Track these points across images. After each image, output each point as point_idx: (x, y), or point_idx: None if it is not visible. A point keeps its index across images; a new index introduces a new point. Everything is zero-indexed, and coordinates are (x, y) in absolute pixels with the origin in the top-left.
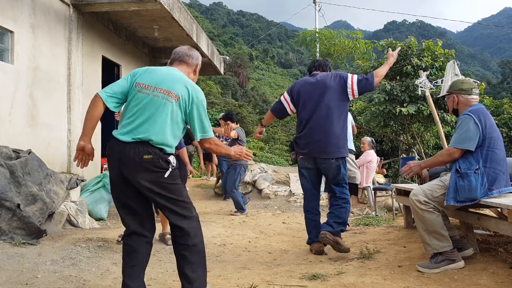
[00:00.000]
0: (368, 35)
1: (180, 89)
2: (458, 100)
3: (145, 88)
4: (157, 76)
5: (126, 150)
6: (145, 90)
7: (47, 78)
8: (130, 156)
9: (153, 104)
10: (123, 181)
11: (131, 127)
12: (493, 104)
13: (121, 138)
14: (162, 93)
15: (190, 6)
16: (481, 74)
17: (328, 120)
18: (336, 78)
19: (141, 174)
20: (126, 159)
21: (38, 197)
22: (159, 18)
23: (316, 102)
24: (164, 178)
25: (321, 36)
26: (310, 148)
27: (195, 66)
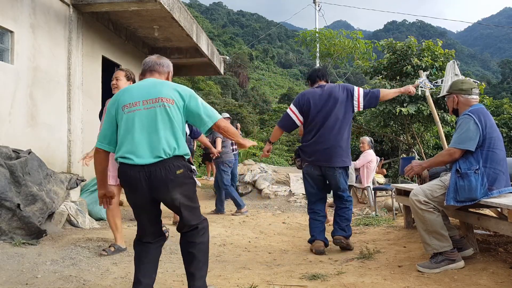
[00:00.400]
0: (368, 35)
1: (170, 91)
2: (458, 100)
3: (133, 105)
4: (140, 90)
5: (155, 172)
6: (134, 108)
7: (47, 78)
8: (163, 176)
9: (151, 116)
10: (150, 202)
11: (142, 149)
12: (493, 104)
13: (141, 162)
14: (154, 102)
15: (190, 6)
16: (481, 74)
17: (336, 131)
18: (344, 91)
19: (176, 190)
20: (159, 181)
21: (38, 197)
22: (159, 18)
23: (325, 114)
24: (194, 188)
25: (321, 36)
26: (317, 156)
27: (167, 74)
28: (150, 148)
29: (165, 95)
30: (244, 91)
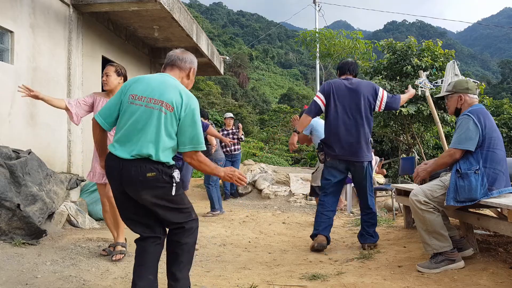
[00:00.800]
0: (368, 35)
1: (174, 97)
2: (464, 99)
3: (138, 99)
4: (149, 85)
5: (127, 168)
6: (138, 102)
7: (47, 78)
8: (133, 175)
9: (147, 116)
10: (125, 198)
11: (127, 142)
12: (493, 104)
13: (119, 155)
14: (155, 103)
15: (190, 6)
16: (481, 74)
17: (361, 126)
18: (370, 88)
19: (146, 191)
20: (128, 178)
21: (38, 197)
22: (159, 18)
23: (353, 107)
24: (171, 193)
25: (321, 36)
26: (344, 150)
27: (188, 70)
28: (133, 145)
29: (167, 100)
30: (244, 91)
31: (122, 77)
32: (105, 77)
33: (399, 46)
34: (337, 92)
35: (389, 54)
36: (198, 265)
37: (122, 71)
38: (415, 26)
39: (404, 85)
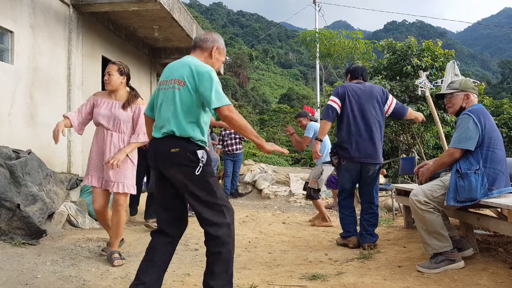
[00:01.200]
0: (368, 35)
1: (184, 72)
2: (470, 98)
3: (163, 84)
4: (170, 69)
5: (159, 145)
6: (164, 86)
7: (47, 78)
8: (162, 151)
9: (166, 96)
10: (162, 184)
11: (157, 123)
12: (493, 104)
13: (154, 135)
14: (169, 83)
15: (190, 6)
16: (481, 74)
17: (376, 129)
18: (382, 93)
19: (174, 168)
20: (159, 154)
21: (38, 197)
22: (159, 19)
23: (368, 111)
24: (195, 175)
25: (321, 36)
26: (361, 153)
27: (210, 49)
28: (161, 125)
29: (178, 77)
30: (244, 91)
31: (125, 76)
32: (107, 76)
33: (399, 46)
34: (353, 96)
35: (389, 54)
36: (198, 265)
37: (125, 70)
38: (415, 26)
39: (404, 85)
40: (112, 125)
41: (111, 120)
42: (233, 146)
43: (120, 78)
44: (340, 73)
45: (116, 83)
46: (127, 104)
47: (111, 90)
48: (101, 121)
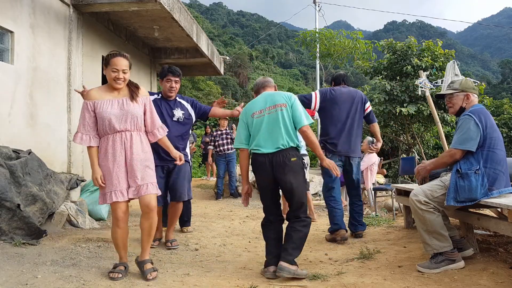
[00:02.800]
0: (368, 35)
1: (283, 97)
2: (470, 98)
3: (258, 113)
4: (261, 102)
5: (275, 158)
6: (259, 115)
7: (47, 78)
8: (281, 161)
9: (273, 119)
10: (269, 188)
11: (266, 142)
12: (493, 104)
13: (265, 151)
14: (273, 108)
15: (190, 6)
16: (481, 74)
17: (357, 127)
18: (362, 96)
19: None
20: (278, 164)
21: (38, 197)
22: (159, 19)
23: (351, 110)
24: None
25: (321, 36)
26: (345, 148)
27: (274, 87)
28: (272, 142)
29: (280, 101)
30: (244, 91)
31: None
32: (122, 75)
33: (399, 46)
34: (340, 97)
35: (389, 54)
36: (198, 265)
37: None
38: (415, 26)
39: (404, 85)
40: (129, 124)
41: (127, 118)
42: (224, 146)
43: (128, 74)
44: None
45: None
46: (136, 96)
47: (121, 88)
48: (115, 123)
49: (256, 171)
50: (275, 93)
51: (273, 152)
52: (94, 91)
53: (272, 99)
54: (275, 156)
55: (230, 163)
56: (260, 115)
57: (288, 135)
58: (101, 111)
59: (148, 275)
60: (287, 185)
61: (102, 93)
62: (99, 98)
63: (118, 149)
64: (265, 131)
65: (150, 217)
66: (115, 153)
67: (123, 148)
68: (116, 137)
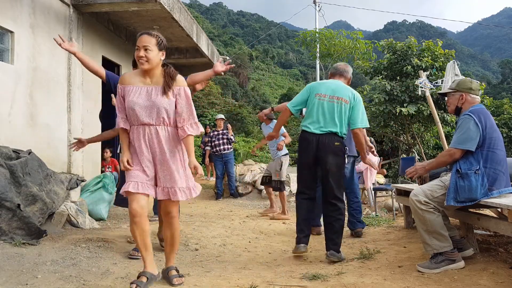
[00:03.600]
0: (368, 35)
1: (349, 94)
2: (465, 99)
3: (322, 96)
4: (328, 87)
5: (321, 139)
6: (322, 98)
7: (47, 78)
8: (326, 143)
9: (330, 106)
10: (309, 167)
11: (317, 123)
12: (493, 104)
13: (314, 131)
14: (336, 99)
15: (190, 7)
16: (481, 74)
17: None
18: None
19: (332, 156)
20: (323, 145)
21: (38, 197)
22: (159, 19)
23: None
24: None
25: (321, 36)
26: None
27: (349, 79)
28: (324, 124)
29: (344, 96)
30: (244, 91)
31: (163, 52)
32: (143, 52)
33: (399, 46)
34: None
35: (389, 54)
36: (198, 265)
37: (164, 43)
38: (415, 26)
39: (404, 85)
40: (155, 118)
41: (152, 111)
42: (220, 147)
43: (159, 54)
44: None
45: (155, 61)
46: (168, 88)
47: (148, 69)
48: (139, 114)
49: (302, 148)
50: (344, 87)
51: (321, 133)
52: (127, 75)
53: (339, 91)
54: (322, 137)
55: (227, 164)
56: (323, 98)
57: (340, 124)
58: (128, 99)
59: (173, 281)
60: (326, 165)
61: (134, 78)
62: (129, 83)
63: (142, 143)
64: (320, 114)
65: (170, 224)
66: (140, 145)
67: (147, 144)
68: (140, 129)
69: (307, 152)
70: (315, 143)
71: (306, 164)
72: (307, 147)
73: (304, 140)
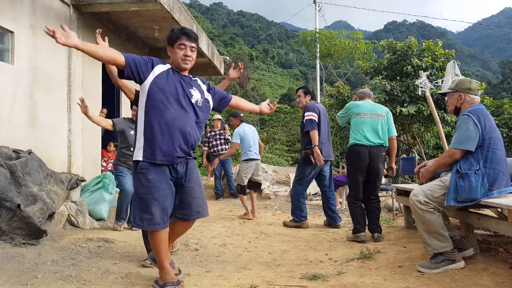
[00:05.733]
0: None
1: (382, 112)
2: (464, 99)
3: (363, 114)
4: (367, 107)
5: (373, 150)
6: (364, 116)
7: (47, 78)
8: (376, 152)
9: (374, 122)
10: (366, 168)
11: (368, 136)
12: (493, 104)
13: (365, 143)
14: (376, 116)
15: (190, 6)
16: (481, 74)
17: (329, 135)
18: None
19: (381, 164)
20: (375, 155)
21: (39, 197)
22: (159, 19)
23: (327, 124)
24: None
25: (322, 36)
26: (327, 153)
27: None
28: (373, 138)
29: (381, 113)
30: (244, 91)
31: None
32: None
33: (399, 46)
34: (323, 113)
35: (390, 54)
36: (198, 265)
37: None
38: (416, 26)
39: (404, 85)
40: None
41: None
42: (218, 147)
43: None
44: (340, 73)
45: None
46: None
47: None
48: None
49: (355, 158)
50: (377, 105)
51: (373, 145)
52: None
53: (375, 109)
54: (373, 148)
55: (226, 164)
56: (364, 116)
57: (383, 136)
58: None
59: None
60: (376, 170)
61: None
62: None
63: None
64: (368, 130)
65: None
66: None
67: None
68: None
69: (361, 160)
70: (368, 152)
71: (359, 171)
72: (361, 157)
73: (357, 151)
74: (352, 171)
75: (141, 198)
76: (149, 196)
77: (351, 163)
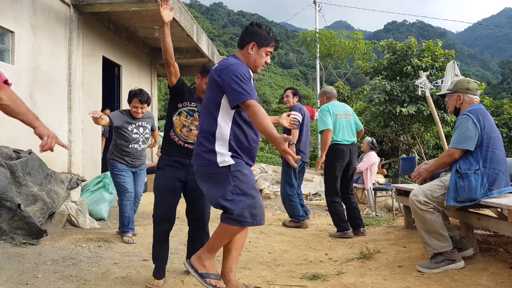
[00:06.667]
0: (368, 36)
1: (351, 110)
2: (463, 99)
3: (340, 115)
4: (341, 108)
5: (351, 147)
6: (340, 117)
7: (47, 79)
8: (353, 149)
9: (348, 122)
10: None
11: (346, 136)
12: (493, 105)
13: (346, 142)
14: (348, 116)
15: (190, 7)
16: (481, 74)
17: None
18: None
19: (355, 159)
20: (352, 151)
21: (39, 197)
22: (160, 19)
23: (309, 126)
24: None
25: (322, 37)
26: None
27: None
28: (349, 137)
29: (350, 112)
30: None
31: None
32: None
33: (399, 46)
34: (306, 116)
35: (389, 54)
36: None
37: None
38: (415, 26)
39: (404, 85)
40: None
41: None
42: None
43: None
44: (340, 73)
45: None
46: None
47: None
48: None
49: (338, 156)
50: (344, 105)
51: (350, 144)
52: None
53: (346, 110)
54: (350, 146)
55: None
56: (341, 117)
57: (354, 134)
58: None
59: None
60: (352, 166)
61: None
62: None
63: None
64: (345, 129)
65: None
66: None
67: None
68: None
69: (343, 158)
70: (348, 151)
71: (340, 169)
72: (343, 155)
73: (340, 150)
74: (333, 170)
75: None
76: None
77: (334, 161)
